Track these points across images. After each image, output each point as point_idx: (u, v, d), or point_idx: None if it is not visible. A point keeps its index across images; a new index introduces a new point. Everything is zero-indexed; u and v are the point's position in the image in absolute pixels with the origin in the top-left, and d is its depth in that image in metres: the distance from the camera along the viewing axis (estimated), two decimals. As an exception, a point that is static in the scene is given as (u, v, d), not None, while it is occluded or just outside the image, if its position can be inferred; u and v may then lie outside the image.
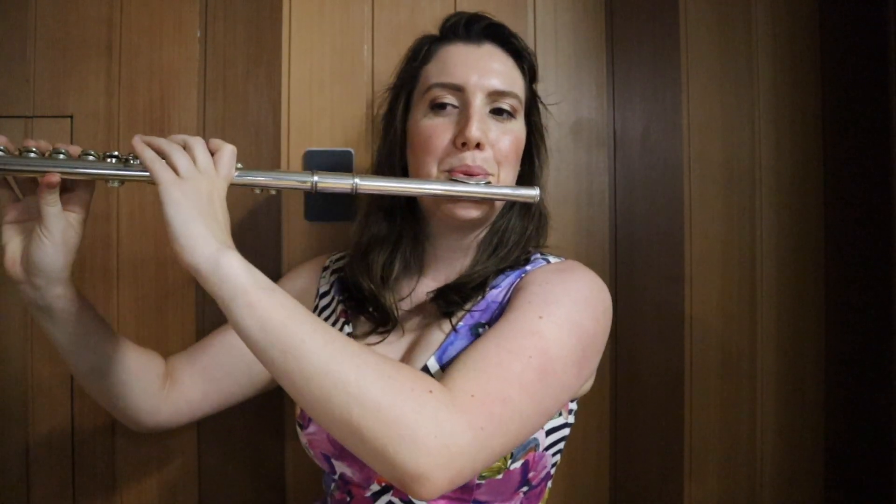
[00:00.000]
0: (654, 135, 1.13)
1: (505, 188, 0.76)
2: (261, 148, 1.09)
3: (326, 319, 0.86)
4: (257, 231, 1.09)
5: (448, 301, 0.77)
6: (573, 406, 0.79)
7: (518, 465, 0.71)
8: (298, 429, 0.80)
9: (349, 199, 1.09)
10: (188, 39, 1.09)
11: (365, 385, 0.54)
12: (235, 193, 1.09)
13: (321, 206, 1.09)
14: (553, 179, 1.12)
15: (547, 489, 0.79)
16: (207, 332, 0.92)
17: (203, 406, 0.87)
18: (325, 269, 0.93)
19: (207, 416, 0.89)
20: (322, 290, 0.90)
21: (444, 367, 0.72)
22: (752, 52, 1.13)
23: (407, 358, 0.77)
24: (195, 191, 0.62)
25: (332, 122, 1.09)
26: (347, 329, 0.83)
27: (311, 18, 1.10)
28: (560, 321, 0.67)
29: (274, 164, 1.09)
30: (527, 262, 0.81)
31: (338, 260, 0.93)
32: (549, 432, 0.74)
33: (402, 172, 0.82)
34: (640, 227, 1.13)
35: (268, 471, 1.08)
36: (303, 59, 1.09)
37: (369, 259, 0.82)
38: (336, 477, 0.79)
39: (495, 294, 0.77)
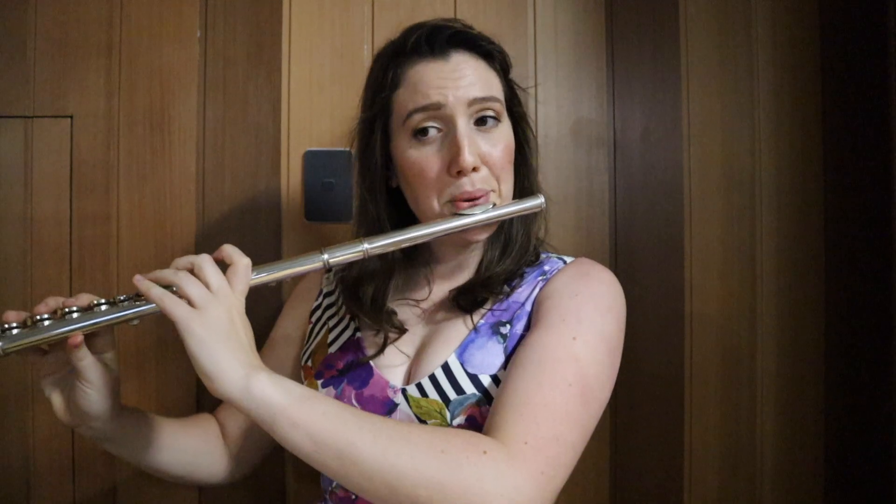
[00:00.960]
0: (654, 135, 1.13)
1: (511, 206, 0.75)
2: (261, 148, 1.09)
3: (332, 317, 0.87)
4: (257, 231, 1.09)
5: (473, 300, 0.77)
6: None
7: None
8: None
9: (349, 199, 1.09)
10: (188, 39, 1.09)
11: (423, 468, 0.56)
12: (233, 190, 1.09)
13: (321, 206, 1.09)
14: (553, 179, 1.12)
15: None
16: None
17: (265, 447, 0.91)
18: (328, 270, 0.92)
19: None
20: (326, 289, 0.91)
21: (465, 364, 0.73)
22: (752, 52, 1.13)
23: (423, 352, 0.77)
24: (216, 319, 0.60)
25: (332, 123, 1.09)
26: (354, 324, 0.84)
27: (311, 18, 1.10)
28: (594, 340, 0.70)
29: (274, 164, 1.09)
30: (537, 257, 0.82)
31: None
32: None
33: (388, 203, 0.81)
34: (640, 227, 1.13)
35: (268, 472, 1.08)
36: (303, 59, 1.09)
37: (360, 293, 0.81)
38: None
39: (517, 294, 0.78)
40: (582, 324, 0.70)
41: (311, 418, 0.58)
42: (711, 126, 1.13)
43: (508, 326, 0.75)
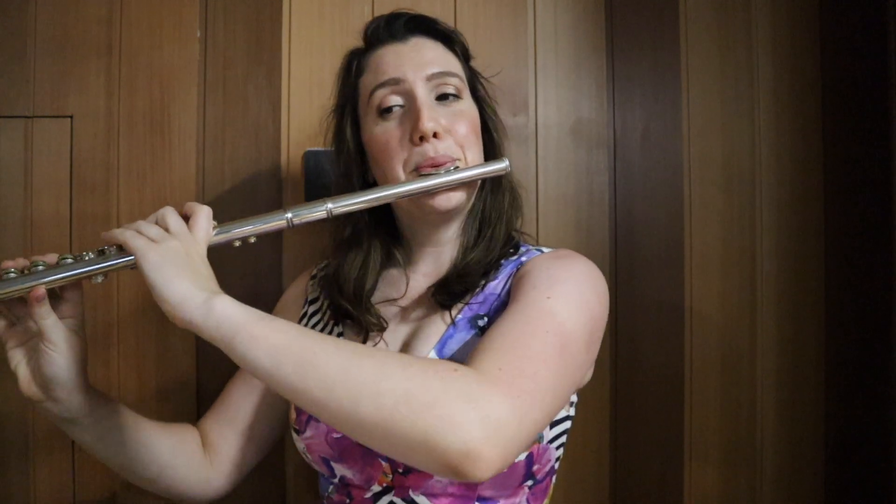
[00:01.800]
0: (654, 135, 1.13)
1: (475, 168, 0.77)
2: (261, 148, 1.09)
3: (317, 324, 0.87)
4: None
5: (451, 293, 0.77)
6: (574, 398, 0.80)
7: (522, 456, 0.71)
8: (295, 434, 0.80)
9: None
10: (188, 39, 1.09)
11: (389, 377, 0.53)
12: (233, 189, 1.09)
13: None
14: (553, 179, 1.12)
15: (552, 485, 0.79)
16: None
17: (247, 459, 0.88)
18: (312, 277, 0.93)
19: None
20: (311, 297, 0.91)
21: (443, 359, 0.72)
22: (752, 52, 1.13)
23: (404, 350, 0.77)
24: (172, 250, 0.61)
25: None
26: (338, 330, 0.83)
27: (311, 18, 1.10)
28: (569, 299, 0.68)
29: (274, 165, 1.09)
30: (516, 250, 0.82)
31: (325, 267, 0.93)
32: (552, 425, 0.74)
33: (364, 188, 0.81)
34: (640, 227, 1.13)
35: (268, 473, 1.08)
36: (303, 59, 1.09)
37: (340, 280, 0.82)
38: (335, 480, 0.78)
39: (493, 286, 0.77)
40: (555, 285, 0.68)
41: (270, 331, 0.56)
42: (711, 126, 1.13)
43: (486, 319, 0.75)
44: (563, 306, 0.66)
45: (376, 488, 0.74)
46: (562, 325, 0.64)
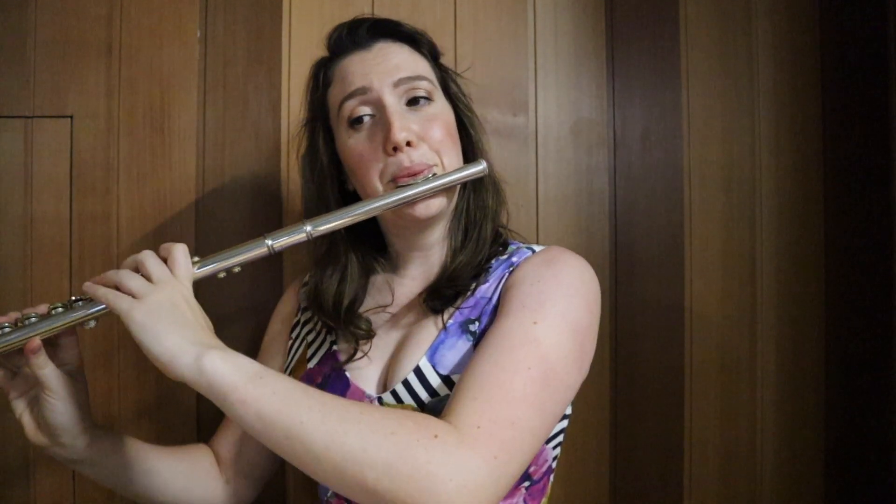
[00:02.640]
0: (654, 135, 1.13)
1: (452, 174, 0.75)
2: (261, 148, 1.09)
3: (310, 332, 0.86)
4: (257, 231, 1.07)
5: (442, 299, 0.76)
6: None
7: None
8: None
9: (347, 202, 1.09)
10: (188, 39, 1.09)
11: (371, 449, 0.55)
12: (233, 190, 1.09)
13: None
14: (553, 179, 1.12)
15: (549, 484, 0.79)
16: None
17: (264, 471, 0.89)
18: (304, 285, 0.92)
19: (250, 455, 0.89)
20: (303, 304, 0.90)
21: (437, 366, 0.72)
22: (752, 52, 1.13)
23: (396, 357, 0.77)
24: (157, 305, 0.60)
25: (332, 122, 1.09)
26: (331, 338, 0.83)
27: (311, 18, 1.10)
28: (556, 323, 0.67)
29: (274, 165, 1.09)
30: (505, 248, 0.81)
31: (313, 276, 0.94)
32: None
33: (339, 203, 0.81)
34: (640, 227, 1.13)
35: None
36: (303, 59, 1.09)
37: (319, 297, 0.82)
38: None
39: (484, 289, 0.77)
40: (543, 306, 0.68)
41: (259, 396, 0.56)
42: (711, 126, 1.13)
43: (477, 324, 0.74)
44: (549, 331, 0.67)
45: None
46: (546, 355, 0.65)
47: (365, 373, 0.78)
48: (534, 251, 0.80)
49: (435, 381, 0.72)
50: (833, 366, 1.12)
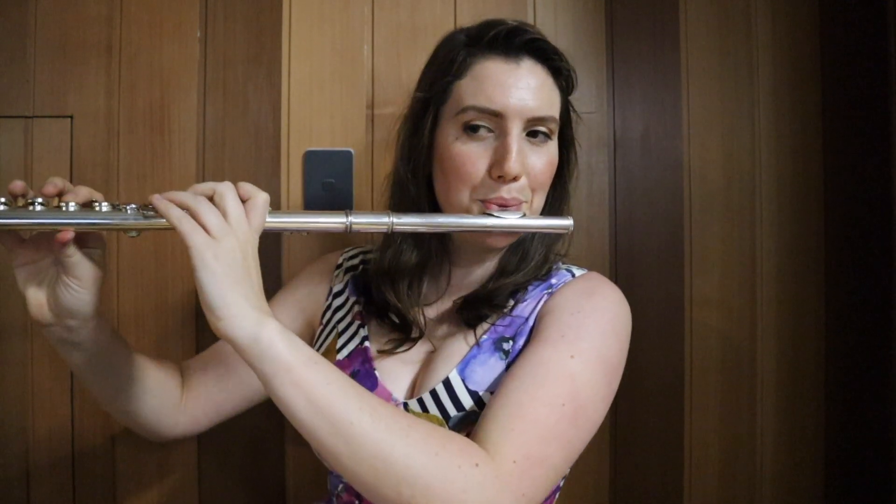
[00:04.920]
0: (654, 135, 1.13)
1: (539, 220, 0.75)
2: (261, 148, 1.09)
3: (341, 320, 0.85)
4: (257, 231, 1.08)
5: (475, 312, 0.76)
6: None
7: None
8: None
9: (349, 199, 1.09)
10: (188, 39, 1.09)
11: (414, 466, 0.55)
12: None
13: (321, 206, 1.08)
14: (553, 179, 1.12)
15: (555, 500, 0.79)
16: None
17: (220, 410, 0.86)
18: (338, 266, 0.90)
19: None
20: (336, 288, 0.88)
21: (466, 380, 0.72)
22: (752, 52, 1.13)
23: (427, 367, 0.76)
24: (230, 252, 0.57)
25: (332, 122, 1.09)
26: (363, 332, 0.82)
27: (311, 18, 1.10)
28: (591, 360, 0.68)
29: (274, 165, 1.09)
30: (548, 271, 0.80)
31: (352, 258, 0.91)
32: None
33: (426, 189, 0.78)
34: (640, 228, 1.13)
35: (268, 474, 1.08)
36: (303, 59, 1.09)
37: (396, 281, 0.79)
38: (345, 479, 0.78)
39: (521, 308, 0.76)
40: (582, 342, 0.68)
41: (314, 382, 0.56)
42: (711, 126, 1.13)
43: (511, 342, 0.74)
44: (585, 369, 0.67)
45: None
46: (579, 392, 0.66)
47: (395, 375, 0.77)
48: (573, 275, 0.79)
49: (463, 395, 0.71)
50: (833, 366, 1.12)
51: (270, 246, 1.08)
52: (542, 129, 0.74)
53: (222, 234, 0.58)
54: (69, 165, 1.06)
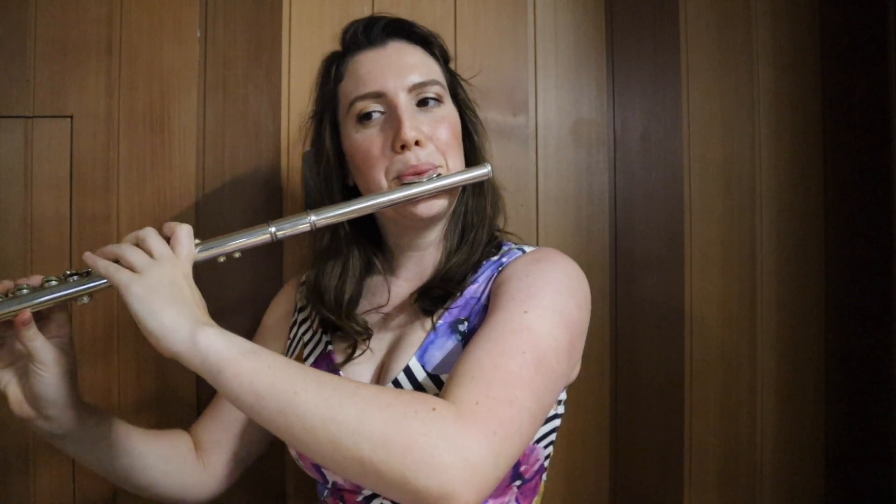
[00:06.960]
0: (654, 135, 1.13)
1: (457, 175, 0.76)
2: (261, 148, 1.09)
3: (307, 332, 0.87)
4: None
5: (433, 299, 0.77)
6: (563, 396, 0.80)
7: None
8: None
9: (350, 197, 1.08)
10: (188, 39, 1.09)
11: (368, 420, 0.54)
12: (233, 190, 1.09)
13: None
14: (553, 179, 1.12)
15: (542, 483, 0.79)
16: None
17: (240, 461, 0.89)
18: (301, 284, 0.92)
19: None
20: (300, 304, 0.91)
21: (426, 365, 0.73)
22: (752, 52, 1.13)
23: (388, 359, 0.77)
24: (156, 280, 0.61)
25: (332, 122, 1.09)
26: (326, 338, 0.83)
27: (311, 18, 1.10)
28: (546, 313, 0.68)
29: (274, 165, 1.09)
30: (498, 249, 0.82)
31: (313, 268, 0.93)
32: None
33: (343, 197, 0.81)
34: (640, 228, 1.13)
35: (268, 473, 1.08)
36: (303, 59, 1.09)
37: (321, 289, 0.82)
38: (329, 485, 0.79)
39: (473, 289, 0.77)
40: (532, 298, 0.68)
41: (253, 368, 0.56)
42: (711, 126, 1.13)
43: (466, 323, 0.75)
44: (541, 320, 0.67)
45: (367, 492, 0.75)
46: (539, 341, 0.65)
47: (358, 372, 0.78)
48: (524, 252, 0.80)
49: (424, 380, 0.72)
50: (833, 366, 1.12)
51: (272, 253, 1.08)
52: (429, 94, 0.77)
53: (148, 267, 0.62)
54: (69, 165, 1.06)
